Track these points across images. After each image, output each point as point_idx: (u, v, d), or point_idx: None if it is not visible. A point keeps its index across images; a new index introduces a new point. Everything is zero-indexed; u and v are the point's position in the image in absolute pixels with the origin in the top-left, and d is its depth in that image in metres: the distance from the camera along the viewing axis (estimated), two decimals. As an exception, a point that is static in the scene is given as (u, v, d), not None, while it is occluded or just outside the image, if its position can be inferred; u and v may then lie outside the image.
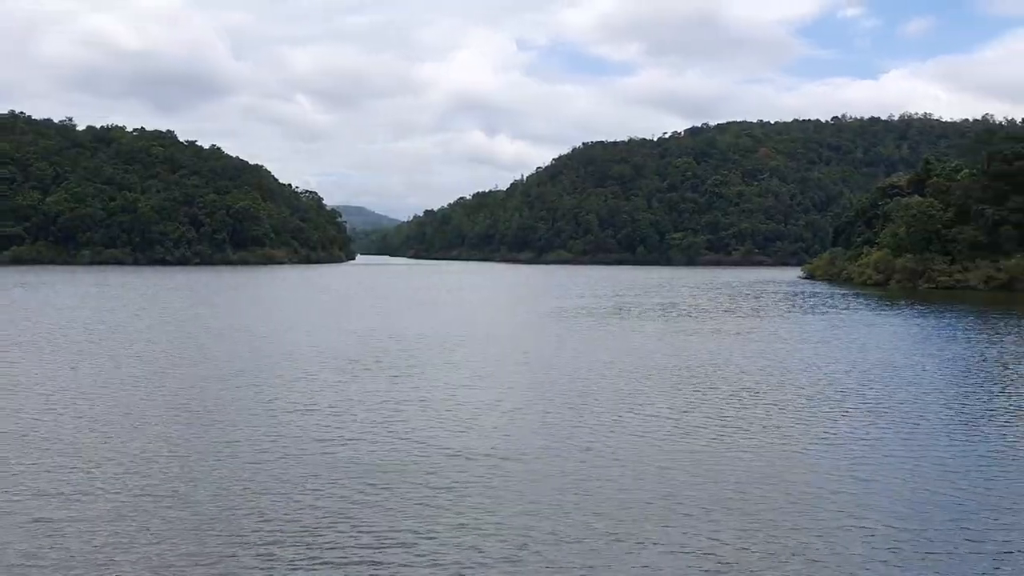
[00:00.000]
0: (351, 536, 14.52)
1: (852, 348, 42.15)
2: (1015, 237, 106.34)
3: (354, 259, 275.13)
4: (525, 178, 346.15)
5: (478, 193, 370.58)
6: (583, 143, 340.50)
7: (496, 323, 58.82)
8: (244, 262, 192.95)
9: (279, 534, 14.55)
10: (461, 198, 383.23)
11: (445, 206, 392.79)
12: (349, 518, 15.39)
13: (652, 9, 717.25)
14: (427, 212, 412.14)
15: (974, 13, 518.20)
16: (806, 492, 17.29)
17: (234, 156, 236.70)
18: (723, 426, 23.42)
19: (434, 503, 16.31)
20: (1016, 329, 51.53)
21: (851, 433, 22.70)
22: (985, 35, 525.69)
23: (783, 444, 21.48)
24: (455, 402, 26.84)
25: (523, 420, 24.42)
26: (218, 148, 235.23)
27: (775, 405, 26.63)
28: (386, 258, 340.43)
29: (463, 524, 15.10)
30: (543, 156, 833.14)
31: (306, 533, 14.61)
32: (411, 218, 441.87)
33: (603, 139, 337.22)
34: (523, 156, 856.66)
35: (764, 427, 23.29)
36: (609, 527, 15.01)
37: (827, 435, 22.46)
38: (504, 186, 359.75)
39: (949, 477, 18.34)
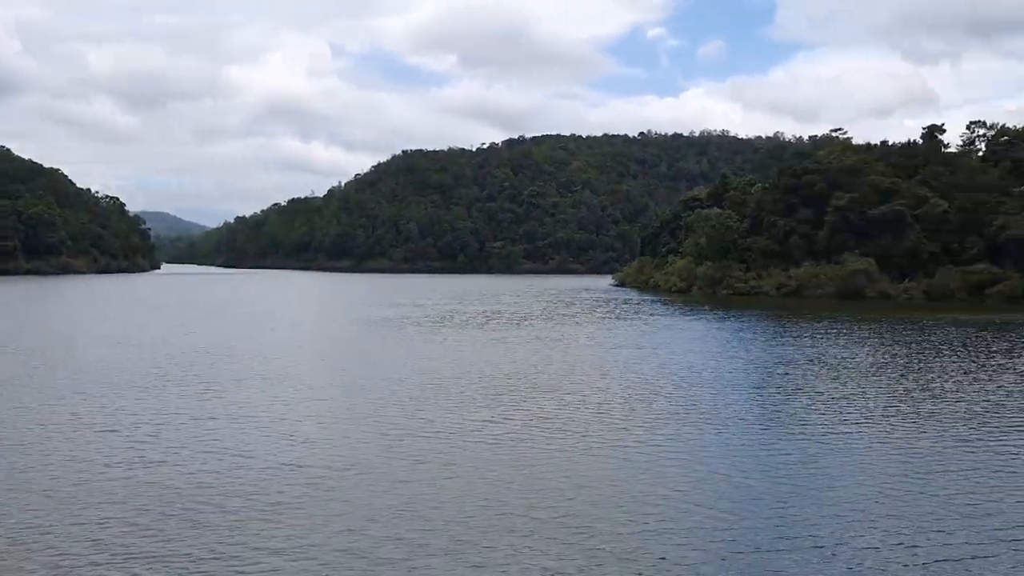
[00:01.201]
0: (149, 566, 13.49)
1: (663, 352, 44.11)
2: (803, 246, 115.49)
3: (159, 268, 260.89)
4: (343, 185, 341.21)
5: (294, 199, 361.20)
6: (403, 151, 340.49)
7: (315, 334, 57.23)
8: (38, 272, 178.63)
9: (78, 570, 13.31)
10: (275, 204, 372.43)
11: (258, 212, 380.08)
12: (155, 544, 14.33)
13: (465, 21, 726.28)
14: (238, 219, 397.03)
15: (764, 38, 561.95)
16: (627, 494, 17.72)
17: (26, 158, 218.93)
18: (548, 431, 23.72)
19: (247, 528, 15.43)
20: (807, 331, 55.70)
21: (668, 434, 23.60)
22: (775, 59, 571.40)
23: (605, 447, 22.01)
24: (272, 417, 25.69)
25: (346, 433, 23.73)
26: (8, 150, 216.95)
27: (596, 409, 27.29)
28: (194, 267, 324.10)
29: (279, 549, 14.39)
30: (360, 163, 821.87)
31: (108, 566, 13.45)
32: (221, 225, 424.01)
33: (422, 147, 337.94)
34: (340, 163, 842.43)
35: (586, 432, 23.78)
36: (430, 540, 14.75)
37: (646, 437, 23.22)
38: (320, 193, 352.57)
39: (765, 472, 19.38)
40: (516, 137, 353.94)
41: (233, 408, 27.11)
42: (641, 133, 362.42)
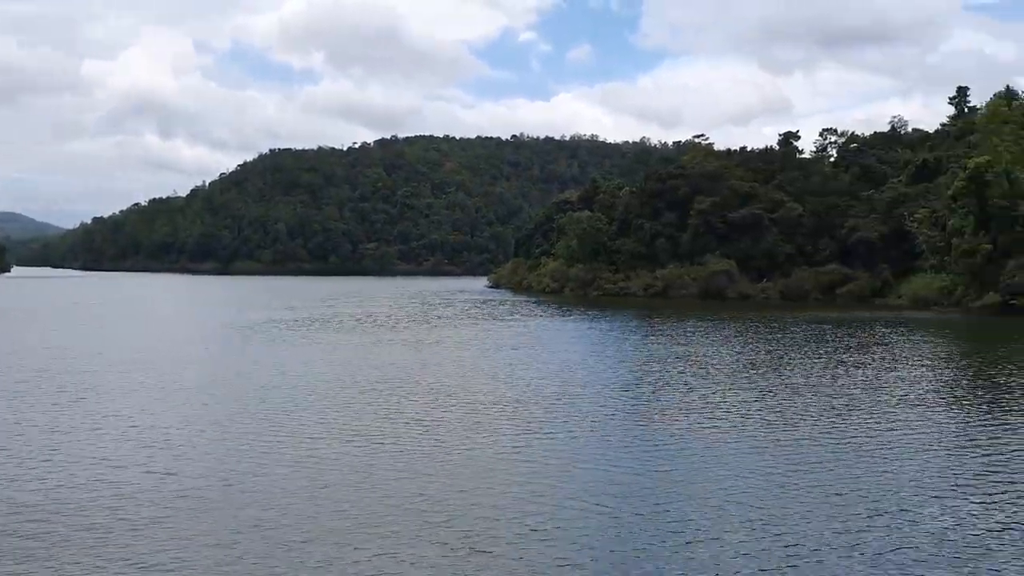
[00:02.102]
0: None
1: (541, 352, 44.77)
2: (669, 248, 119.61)
3: (9, 271, 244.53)
4: (208, 184, 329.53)
5: (155, 199, 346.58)
6: (270, 150, 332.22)
7: (177, 339, 54.99)
8: None
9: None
10: (136, 204, 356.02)
11: (117, 213, 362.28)
12: (11, 565, 13.49)
13: (334, 19, 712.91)
14: (96, 219, 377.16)
15: (632, 45, 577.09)
16: (506, 494, 17.90)
17: None
18: (427, 435, 23.66)
19: (112, 544, 14.75)
20: (675, 330, 57.70)
21: (546, 433, 23.97)
22: (642, 66, 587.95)
23: (487, 449, 22.15)
24: (138, 427, 24.54)
25: (214, 443, 22.92)
26: None
27: (476, 410, 27.40)
28: (48, 269, 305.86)
29: (147, 565, 13.83)
30: (226, 162, 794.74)
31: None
32: (78, 225, 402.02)
33: (291, 147, 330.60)
34: (205, 162, 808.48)
35: (466, 434, 23.86)
36: (305, 551, 14.51)
37: (525, 437, 23.51)
38: (184, 192, 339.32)
39: (638, 468, 19.95)
40: (389, 137, 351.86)
41: (94, 418, 25.77)
42: (514, 136, 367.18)
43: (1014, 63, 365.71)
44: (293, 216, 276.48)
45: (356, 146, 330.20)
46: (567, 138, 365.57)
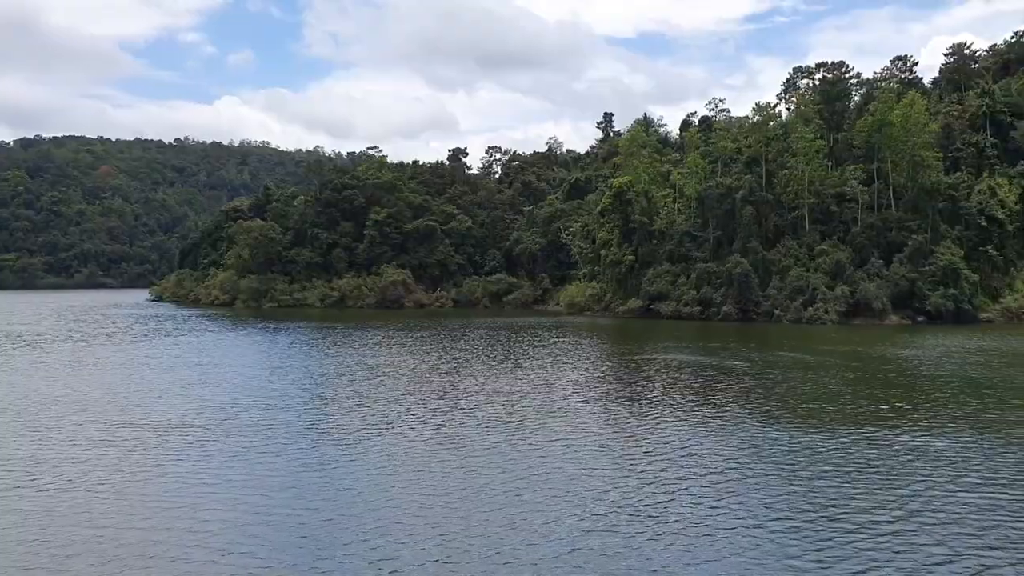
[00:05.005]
0: None
1: (219, 369, 42.50)
2: (345, 259, 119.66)
3: None
4: None
5: None
6: None
7: None
8: None
9: None
10: None
11: None
12: None
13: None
14: None
15: (296, 53, 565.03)
16: (184, 516, 16.94)
17: None
18: (95, 462, 21.62)
19: None
20: (357, 340, 57.74)
21: (205, 450, 22.93)
22: (311, 75, 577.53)
23: (162, 475, 20.70)
24: None
25: None
26: None
27: (152, 434, 25.47)
28: None
29: None
30: None
31: None
32: None
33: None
34: None
35: (130, 461, 22.13)
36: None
37: (203, 460, 22.30)
38: None
39: (313, 484, 19.77)
40: (32, 137, 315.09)
41: None
42: (178, 139, 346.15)
43: (648, 93, 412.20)
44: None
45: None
46: (236, 144, 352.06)
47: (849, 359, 45.05)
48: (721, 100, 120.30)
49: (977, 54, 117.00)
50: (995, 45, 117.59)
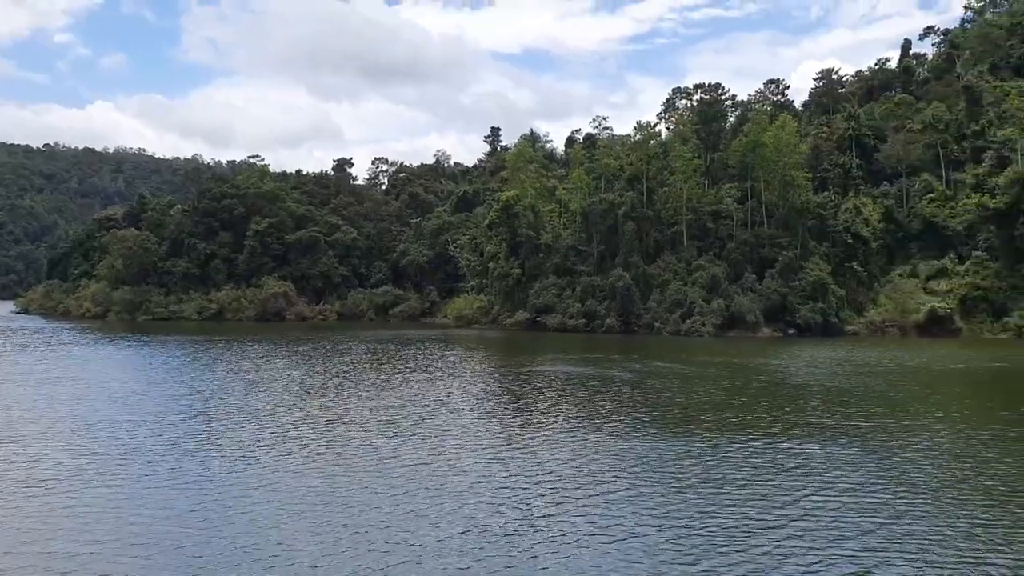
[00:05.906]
0: None
1: (86, 383, 40.47)
2: (224, 270, 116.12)
3: None
4: None
5: None
6: None
7: None
8: None
9: None
10: None
11: None
12: None
13: None
14: None
15: (172, 59, 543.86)
16: (70, 539, 16.15)
17: None
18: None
19: None
20: (232, 355, 56.10)
21: (120, 476, 21.94)
22: (189, 81, 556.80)
23: (46, 498, 19.61)
24: None
25: None
26: None
27: (28, 455, 24.09)
28: None
29: None
30: None
31: None
32: None
33: None
34: None
35: (17, 481, 20.91)
36: None
37: (87, 481, 21.27)
38: None
39: (189, 501, 19.15)
40: None
41: None
42: (47, 144, 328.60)
43: (533, 109, 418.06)
44: None
45: None
46: (111, 150, 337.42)
47: (725, 370, 46.86)
48: (604, 118, 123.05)
49: (844, 79, 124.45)
50: (860, 71, 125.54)
